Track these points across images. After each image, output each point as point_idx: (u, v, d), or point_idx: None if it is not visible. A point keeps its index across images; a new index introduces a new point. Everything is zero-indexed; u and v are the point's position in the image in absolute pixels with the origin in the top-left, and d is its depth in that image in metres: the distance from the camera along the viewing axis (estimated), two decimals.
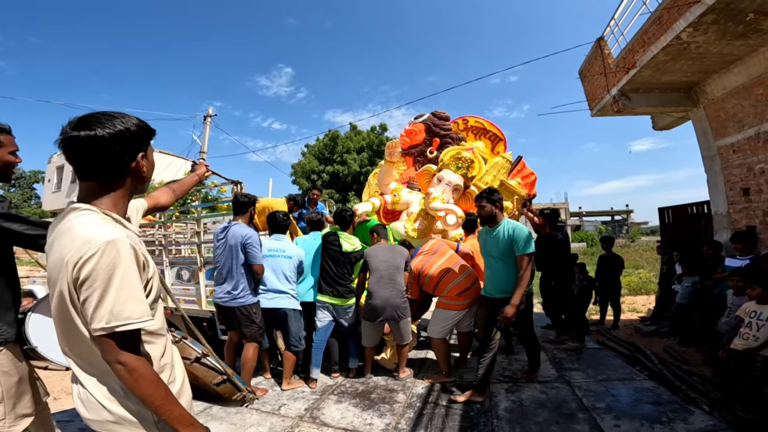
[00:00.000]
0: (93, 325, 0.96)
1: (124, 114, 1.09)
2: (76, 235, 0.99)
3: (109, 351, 0.98)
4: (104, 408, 1.04)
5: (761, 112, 4.89)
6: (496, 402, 3.37)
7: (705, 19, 4.05)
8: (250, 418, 3.11)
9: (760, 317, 3.27)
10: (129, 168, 1.10)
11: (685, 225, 6.96)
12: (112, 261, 0.97)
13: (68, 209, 1.07)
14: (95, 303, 0.96)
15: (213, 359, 1.55)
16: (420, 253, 4.13)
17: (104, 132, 1.01)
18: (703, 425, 2.81)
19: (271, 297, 3.66)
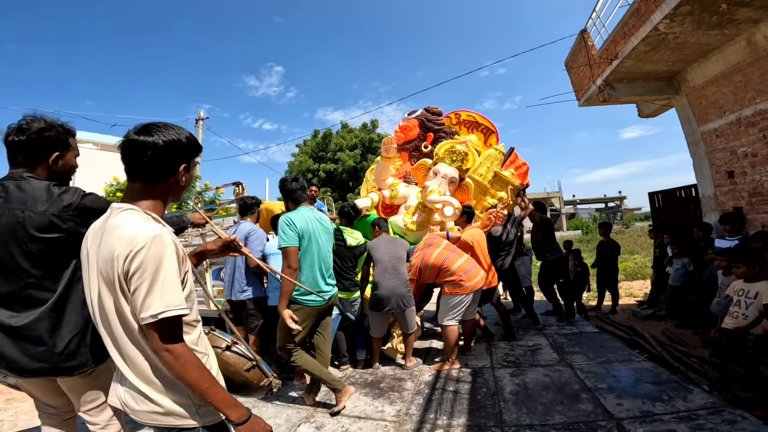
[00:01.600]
0: (143, 314, 1.04)
1: (180, 127, 1.21)
2: (123, 231, 1.08)
3: (156, 339, 1.06)
4: (153, 401, 1.13)
5: (741, 98, 5.02)
6: (502, 386, 3.51)
7: (680, 10, 4.15)
8: (267, 410, 3.22)
9: (747, 295, 3.35)
10: (171, 175, 1.20)
11: (675, 208, 7.12)
12: (159, 253, 1.07)
13: (111, 208, 1.19)
14: (144, 292, 1.04)
15: (242, 347, 1.68)
16: (417, 251, 4.27)
17: (160, 139, 1.14)
18: (702, 403, 2.91)
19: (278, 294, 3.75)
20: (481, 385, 3.56)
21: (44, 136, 1.63)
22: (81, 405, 1.69)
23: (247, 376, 1.67)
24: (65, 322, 1.60)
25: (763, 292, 3.26)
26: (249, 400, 3.32)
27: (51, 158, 1.66)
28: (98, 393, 1.69)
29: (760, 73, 4.65)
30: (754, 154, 4.86)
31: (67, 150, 1.73)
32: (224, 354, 1.60)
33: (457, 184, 5.06)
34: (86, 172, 19.22)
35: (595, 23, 6.16)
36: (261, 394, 1.77)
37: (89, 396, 1.68)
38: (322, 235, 3.07)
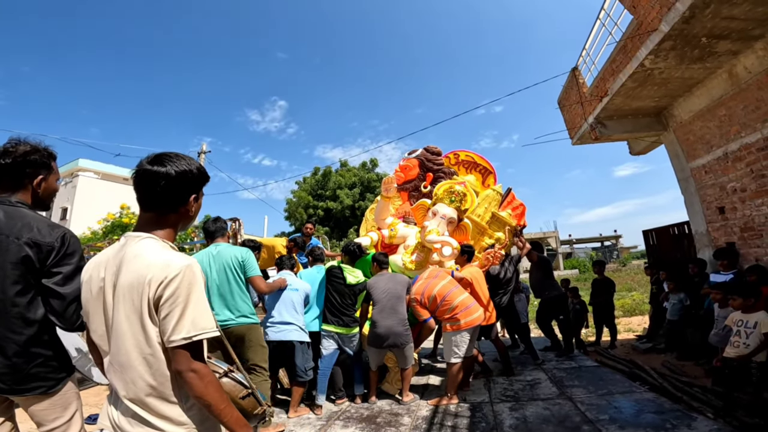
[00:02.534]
0: (174, 336, 1.08)
1: (190, 157, 1.27)
2: (151, 259, 1.13)
3: (183, 360, 1.10)
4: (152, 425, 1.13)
5: (726, 132, 5.18)
6: (501, 420, 3.44)
7: (664, 45, 4.37)
8: None
9: (747, 325, 3.46)
10: (182, 205, 1.25)
11: (669, 245, 7.21)
12: (191, 281, 1.13)
13: (127, 237, 1.23)
14: (177, 317, 1.09)
15: (239, 375, 1.67)
16: (420, 279, 4.29)
17: (172, 169, 1.19)
18: (707, 430, 2.89)
19: (279, 329, 3.77)
20: (480, 420, 3.49)
21: (29, 159, 1.67)
22: (42, 425, 1.65)
23: (242, 404, 1.66)
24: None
25: (762, 322, 3.38)
26: None
27: (35, 181, 1.70)
28: (60, 412, 1.66)
29: (743, 105, 4.83)
30: (743, 189, 4.99)
31: (50, 173, 1.76)
32: (221, 381, 1.60)
33: (455, 224, 5.13)
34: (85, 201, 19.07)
35: (585, 61, 6.43)
36: (254, 422, 1.75)
37: (50, 415, 1.64)
38: (213, 267, 3.22)
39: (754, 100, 4.65)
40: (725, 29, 4.09)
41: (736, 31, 4.14)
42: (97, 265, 1.23)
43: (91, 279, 1.23)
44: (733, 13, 3.83)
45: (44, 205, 1.79)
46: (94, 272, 1.23)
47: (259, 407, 1.70)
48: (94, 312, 1.21)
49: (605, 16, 5.54)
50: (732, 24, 4.01)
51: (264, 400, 1.74)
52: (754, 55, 4.47)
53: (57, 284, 1.58)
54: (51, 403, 1.64)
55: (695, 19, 3.88)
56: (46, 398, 1.63)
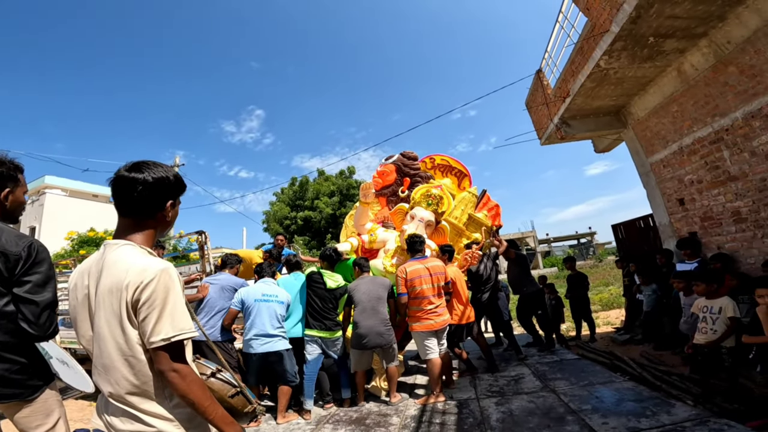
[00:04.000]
0: (153, 338, 1.11)
1: (167, 165, 1.31)
2: (129, 264, 1.16)
3: (164, 361, 1.13)
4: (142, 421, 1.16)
5: (679, 127, 5.47)
6: (488, 414, 3.52)
7: (615, 46, 4.62)
8: None
9: (711, 311, 3.57)
10: (159, 211, 1.28)
11: (637, 238, 7.52)
12: (167, 284, 1.16)
13: (106, 245, 1.26)
14: (155, 319, 1.12)
15: (227, 374, 1.71)
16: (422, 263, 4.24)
17: (149, 176, 1.22)
18: (686, 415, 2.98)
19: (264, 342, 3.79)
20: (468, 416, 3.55)
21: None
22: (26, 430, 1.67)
23: (231, 402, 1.69)
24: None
25: (726, 306, 3.49)
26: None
27: (2, 194, 1.71)
28: (43, 419, 1.68)
29: (693, 101, 5.12)
30: (699, 181, 5.28)
31: (17, 186, 1.77)
32: (209, 381, 1.63)
33: (433, 227, 5.24)
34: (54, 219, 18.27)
35: (548, 63, 6.69)
36: (245, 421, 1.78)
37: (33, 422, 1.67)
38: None
39: (702, 96, 4.94)
40: (670, 28, 4.35)
41: (681, 30, 4.40)
42: (81, 272, 1.27)
43: (77, 287, 1.26)
44: (675, 12, 4.07)
45: (12, 218, 1.79)
46: (78, 280, 1.26)
47: (248, 405, 1.74)
48: (82, 318, 1.24)
49: (563, 19, 5.79)
50: (676, 23, 4.26)
51: (253, 398, 1.77)
52: (699, 53, 4.76)
53: (28, 292, 1.60)
54: (32, 411, 1.66)
55: (641, 19, 4.12)
56: (27, 406, 1.65)
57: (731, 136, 4.67)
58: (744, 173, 4.59)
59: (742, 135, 4.52)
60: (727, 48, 4.41)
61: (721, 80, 4.63)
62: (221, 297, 4.03)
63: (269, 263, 4.42)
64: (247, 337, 3.84)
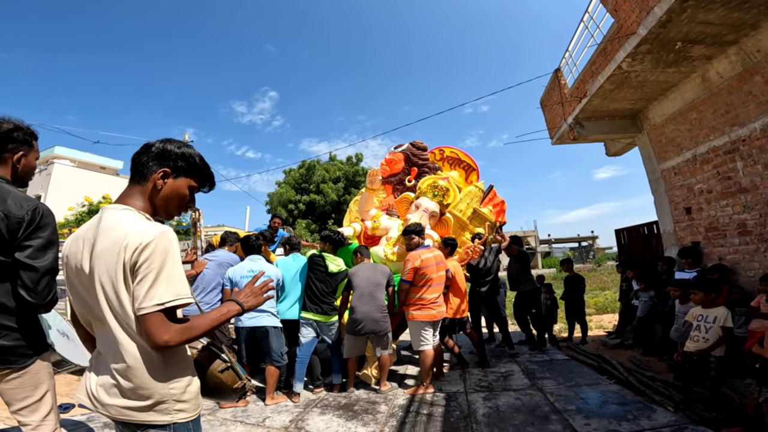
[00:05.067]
0: (146, 303, 1.08)
1: (188, 145, 1.34)
2: (127, 227, 1.14)
3: (158, 326, 1.09)
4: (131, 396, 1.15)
5: (696, 135, 5.39)
6: (475, 409, 3.55)
7: (640, 49, 4.50)
8: (235, 429, 3.14)
9: (706, 320, 3.59)
10: (151, 176, 1.26)
11: (639, 244, 7.48)
12: (166, 247, 1.14)
13: (104, 209, 1.25)
14: (150, 282, 1.10)
15: (216, 348, 1.71)
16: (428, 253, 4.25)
17: (159, 144, 1.28)
18: (665, 421, 3.05)
19: (252, 316, 3.76)
20: (455, 409, 3.59)
21: (12, 135, 1.72)
22: (11, 404, 1.65)
23: (221, 377, 1.69)
24: None
25: (720, 316, 3.51)
26: (218, 418, 3.25)
27: (15, 157, 1.74)
28: (31, 391, 1.66)
29: (713, 109, 5.02)
30: (709, 191, 5.22)
31: (31, 151, 1.80)
32: (201, 355, 1.63)
33: (437, 218, 5.23)
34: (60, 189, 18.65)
35: (567, 62, 6.56)
36: (234, 397, 1.78)
37: (20, 394, 1.64)
38: None
39: (723, 104, 4.84)
40: (700, 34, 4.23)
41: (711, 36, 4.29)
42: (76, 239, 1.25)
43: (71, 254, 1.24)
44: (708, 18, 3.95)
45: (23, 182, 1.81)
46: (73, 246, 1.24)
47: (238, 381, 1.74)
48: (77, 285, 1.23)
49: (589, 19, 5.66)
50: (707, 29, 4.14)
51: (244, 374, 1.78)
52: (726, 60, 4.64)
53: (29, 257, 1.58)
54: (21, 382, 1.64)
55: (672, 23, 4.00)
56: (16, 376, 1.63)
57: (747, 147, 4.58)
58: (755, 186, 4.52)
59: (759, 146, 4.43)
60: (756, 57, 4.29)
61: (745, 89, 4.52)
62: (218, 273, 4.04)
63: (256, 237, 4.35)
64: None
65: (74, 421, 3.03)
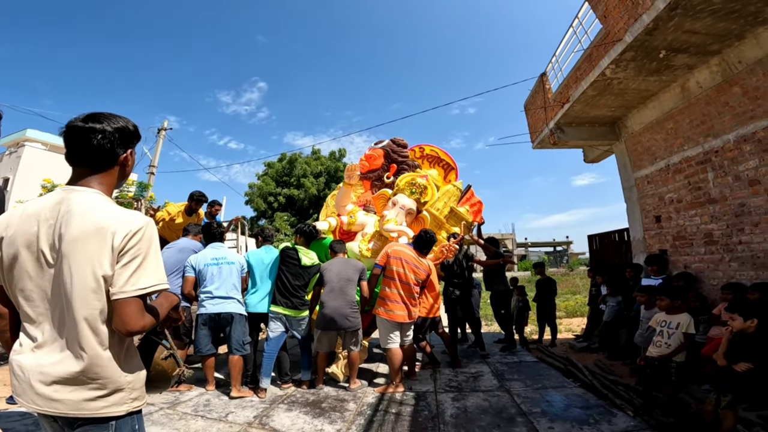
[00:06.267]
0: (128, 287, 1.11)
1: (123, 117, 1.29)
2: (112, 213, 1.14)
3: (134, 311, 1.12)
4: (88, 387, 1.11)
5: (671, 145, 5.52)
6: (443, 409, 3.55)
7: (625, 56, 4.57)
8: (195, 423, 3.05)
9: (669, 326, 3.65)
10: (119, 159, 1.26)
11: (610, 250, 7.66)
12: (152, 235, 1.19)
13: (67, 190, 1.18)
14: (135, 267, 1.13)
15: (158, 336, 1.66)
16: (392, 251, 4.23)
17: (109, 125, 1.21)
18: (624, 426, 3.10)
19: (216, 302, 3.73)
20: (423, 408, 3.57)
21: None
22: None
23: (163, 364, 1.66)
24: None
25: (683, 322, 3.58)
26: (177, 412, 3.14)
27: None
28: None
29: (690, 119, 5.15)
30: (679, 200, 5.36)
31: None
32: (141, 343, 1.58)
33: (414, 215, 5.20)
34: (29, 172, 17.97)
35: (554, 67, 6.63)
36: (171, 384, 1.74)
37: None
38: None
39: (700, 115, 4.96)
40: (684, 43, 4.30)
41: (695, 46, 4.36)
42: (28, 217, 1.15)
43: (19, 232, 1.14)
44: (695, 27, 4.01)
45: None
46: (23, 225, 1.15)
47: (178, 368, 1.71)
48: (19, 268, 1.14)
49: (578, 25, 5.71)
50: (692, 38, 4.21)
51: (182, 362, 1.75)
52: (708, 71, 4.74)
53: None
54: None
55: (658, 30, 4.06)
56: None
57: (719, 158, 4.71)
58: (724, 197, 4.66)
59: (731, 158, 4.56)
60: (738, 68, 4.38)
61: (723, 100, 4.63)
62: (179, 259, 3.93)
63: (218, 224, 4.26)
64: (200, 297, 3.77)
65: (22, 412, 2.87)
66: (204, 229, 4.22)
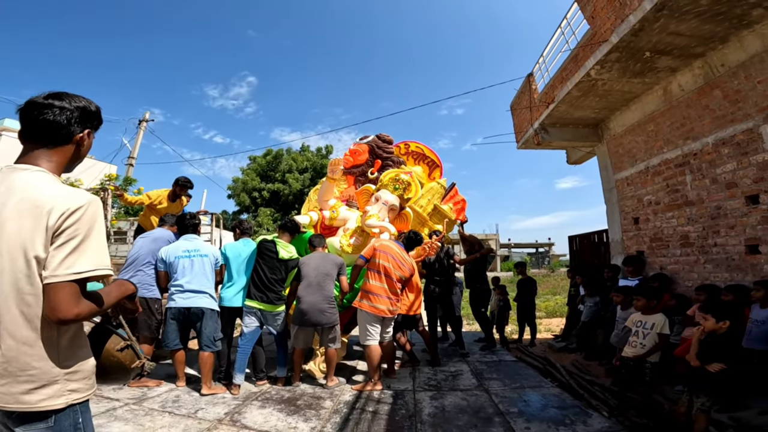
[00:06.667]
0: (61, 270, 1.01)
1: (88, 98, 1.25)
2: (52, 190, 1.07)
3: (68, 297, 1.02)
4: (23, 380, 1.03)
5: (651, 147, 5.60)
6: (421, 408, 3.50)
7: (610, 57, 4.61)
8: (162, 419, 2.94)
9: (645, 326, 3.67)
10: (74, 138, 1.19)
11: (590, 251, 7.79)
12: (94, 215, 1.09)
13: (11, 168, 1.12)
14: (71, 249, 1.03)
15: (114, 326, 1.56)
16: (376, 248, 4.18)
17: (69, 103, 1.17)
18: (599, 427, 3.09)
19: (187, 296, 3.61)
20: (401, 407, 3.53)
21: None
22: None
23: (118, 356, 1.56)
24: None
25: (658, 323, 3.61)
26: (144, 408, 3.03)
27: None
28: None
29: (670, 122, 5.22)
30: (657, 202, 5.45)
31: None
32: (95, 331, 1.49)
33: (397, 212, 5.15)
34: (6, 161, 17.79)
35: (540, 68, 6.67)
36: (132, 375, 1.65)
37: None
38: None
39: (681, 117, 5.03)
40: (669, 45, 4.34)
41: (679, 48, 4.41)
42: None
43: None
44: (679, 29, 4.04)
45: None
46: None
47: (137, 360, 1.62)
48: None
49: (566, 25, 5.74)
50: (676, 40, 4.25)
51: (142, 354, 1.66)
52: (690, 73, 4.80)
53: None
54: None
55: (644, 32, 4.08)
56: None
57: (697, 161, 4.79)
58: (701, 199, 4.74)
59: (708, 161, 4.64)
60: (720, 71, 4.44)
61: (703, 103, 4.70)
62: (152, 250, 3.80)
63: (191, 216, 4.07)
64: (170, 290, 3.65)
65: None
66: (178, 220, 4.08)
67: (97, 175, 11.72)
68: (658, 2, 3.64)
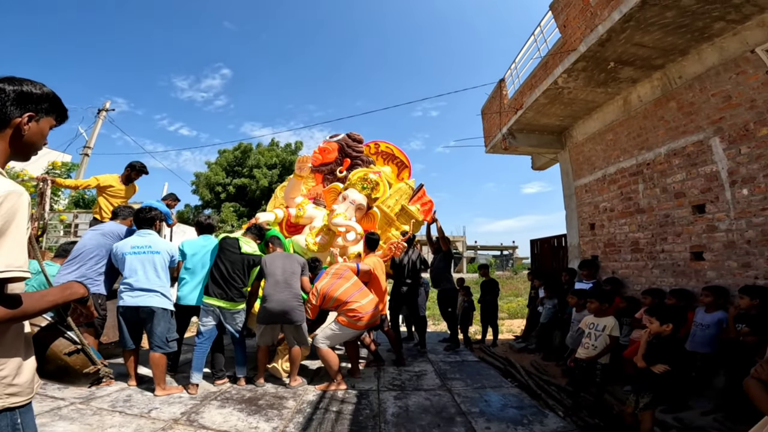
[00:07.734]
0: None
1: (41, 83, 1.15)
2: None
3: None
4: None
5: (609, 156, 5.86)
6: (385, 408, 3.51)
7: (577, 65, 4.76)
8: (111, 419, 2.81)
9: (597, 328, 3.80)
10: (11, 121, 1.09)
11: (549, 255, 8.08)
12: (13, 209, 0.98)
13: None
14: None
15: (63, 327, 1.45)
16: (326, 275, 4.18)
17: (10, 86, 1.08)
18: (555, 426, 3.20)
19: (135, 295, 3.44)
20: (365, 407, 3.52)
21: None
22: None
23: (67, 360, 1.45)
24: None
25: (609, 325, 3.75)
26: (92, 407, 2.88)
27: None
28: None
29: (628, 132, 5.47)
30: (612, 209, 5.73)
31: None
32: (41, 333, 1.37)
33: (364, 211, 5.16)
34: None
35: (512, 74, 6.83)
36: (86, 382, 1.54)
37: None
38: None
39: (637, 128, 5.28)
40: (632, 56, 4.52)
41: (641, 59, 4.59)
42: None
43: None
44: (644, 40, 4.20)
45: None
46: None
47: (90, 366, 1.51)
48: None
49: (539, 33, 5.90)
50: (640, 51, 4.42)
51: (99, 358, 1.55)
52: (649, 84, 5.03)
53: None
54: None
55: (610, 42, 4.23)
56: None
57: (650, 171, 5.04)
58: (651, 207, 5.01)
59: (660, 171, 4.88)
60: (677, 83, 4.63)
61: (659, 114, 4.92)
62: (102, 245, 3.62)
63: (148, 209, 3.86)
64: (120, 288, 3.48)
65: None
66: (135, 213, 3.86)
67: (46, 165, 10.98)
68: (627, 13, 3.78)
